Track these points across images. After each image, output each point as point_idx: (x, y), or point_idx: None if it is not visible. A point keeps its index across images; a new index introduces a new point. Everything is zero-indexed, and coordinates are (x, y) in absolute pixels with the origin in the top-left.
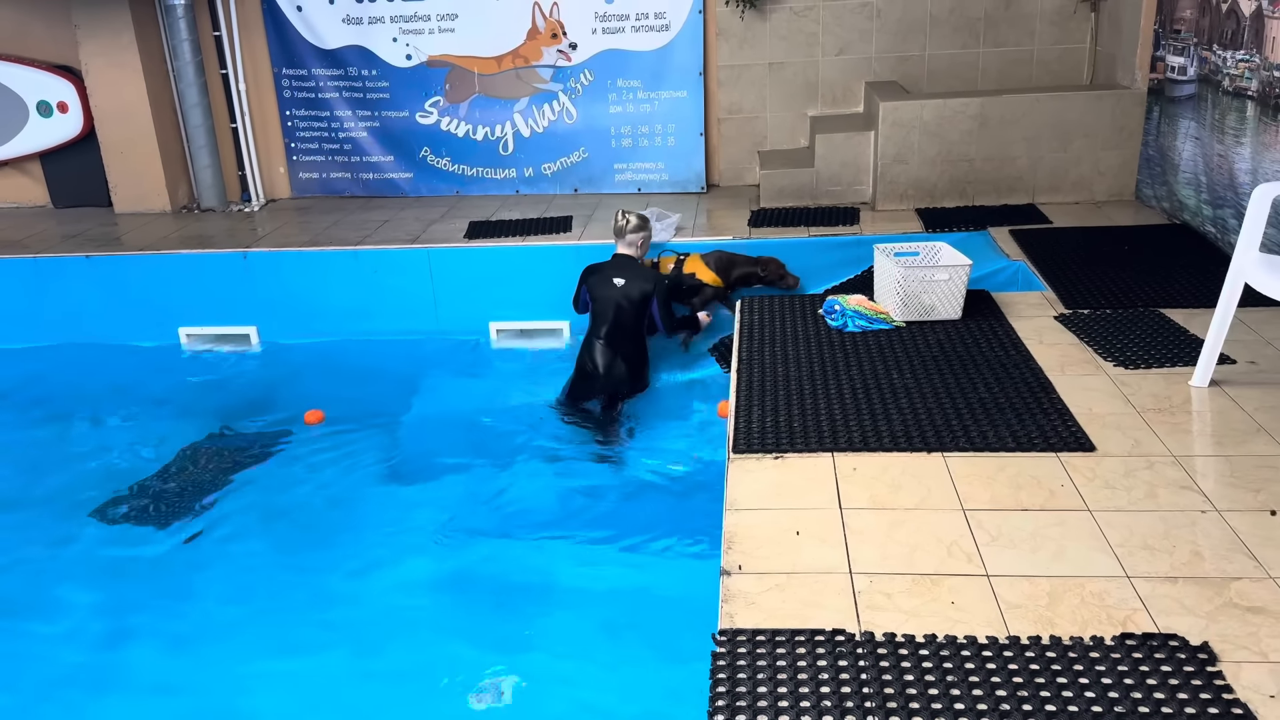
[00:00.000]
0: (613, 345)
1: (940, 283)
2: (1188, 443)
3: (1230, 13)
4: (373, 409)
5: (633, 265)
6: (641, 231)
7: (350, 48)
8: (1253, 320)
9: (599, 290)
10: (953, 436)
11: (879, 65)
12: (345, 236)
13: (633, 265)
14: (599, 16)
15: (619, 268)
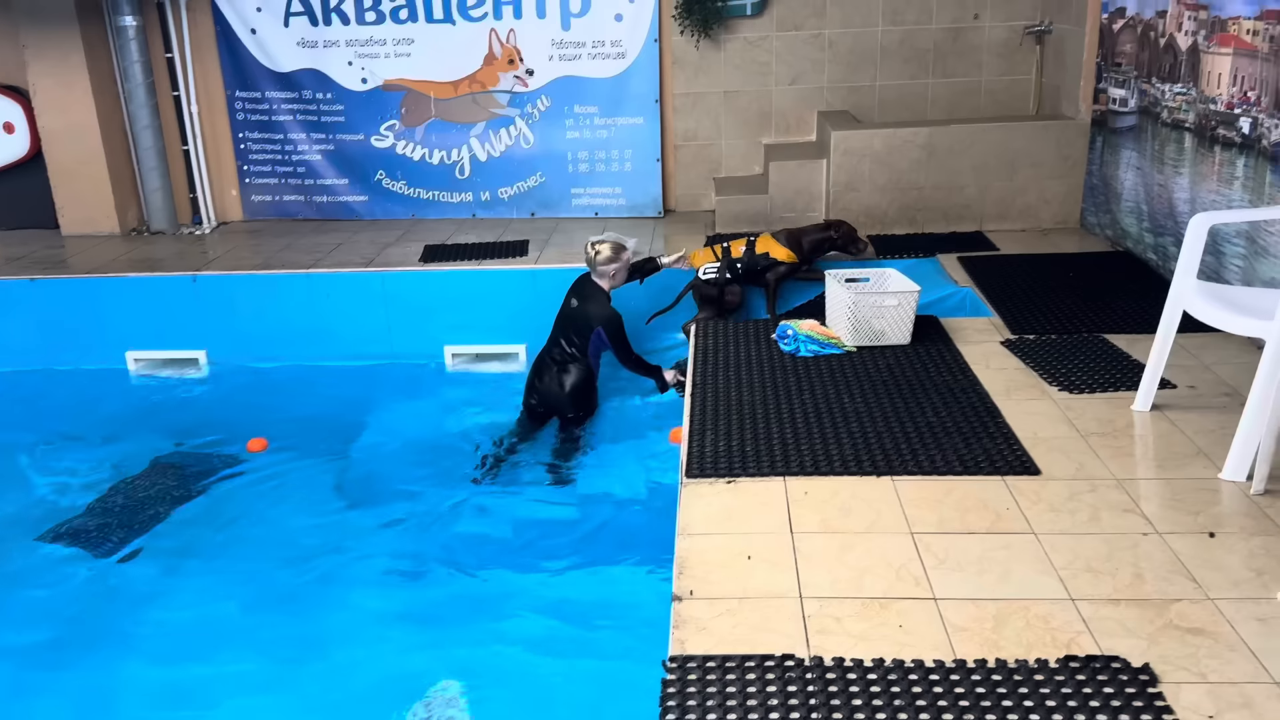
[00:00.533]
0: (553, 363)
1: (890, 308)
2: (1130, 466)
3: (1168, 47)
4: (324, 434)
5: (596, 293)
6: (613, 263)
7: (305, 71)
8: (1192, 346)
9: (562, 308)
10: (902, 460)
11: (831, 95)
12: (298, 260)
13: (596, 293)
14: (556, 44)
15: (580, 290)
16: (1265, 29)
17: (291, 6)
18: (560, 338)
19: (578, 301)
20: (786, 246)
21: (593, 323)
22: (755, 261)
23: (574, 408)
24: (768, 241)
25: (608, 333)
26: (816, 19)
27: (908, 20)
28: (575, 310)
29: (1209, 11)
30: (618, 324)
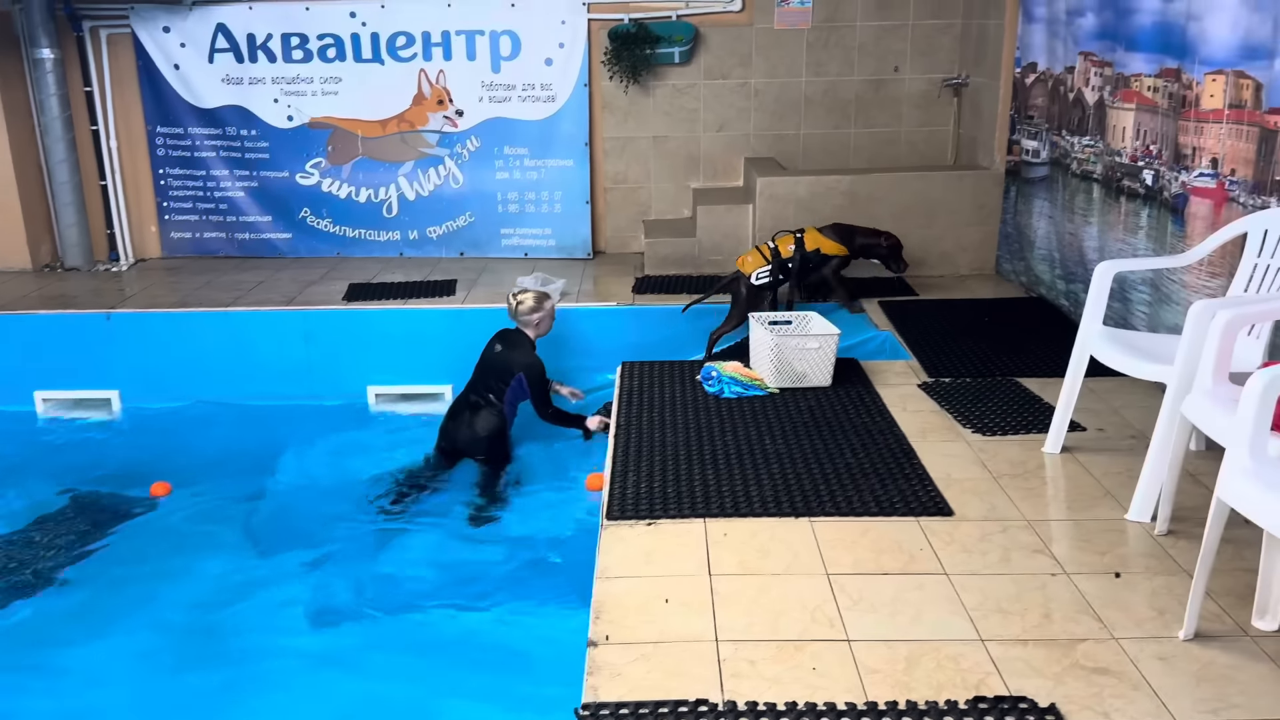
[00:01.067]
0: (468, 407)
1: (811, 351)
2: (1040, 507)
3: (1076, 102)
4: (240, 476)
5: (520, 340)
6: (536, 312)
7: (229, 107)
8: (1101, 389)
9: (484, 352)
10: (820, 501)
11: (757, 142)
12: (217, 298)
13: (520, 340)
14: (486, 86)
15: (506, 338)
16: (1164, 86)
17: (217, 43)
18: (479, 382)
19: (501, 347)
20: (836, 240)
21: (513, 369)
22: (807, 259)
23: (485, 452)
24: (815, 237)
25: (528, 379)
26: (743, 69)
27: (831, 72)
28: (497, 355)
29: (1113, 68)
30: (539, 372)
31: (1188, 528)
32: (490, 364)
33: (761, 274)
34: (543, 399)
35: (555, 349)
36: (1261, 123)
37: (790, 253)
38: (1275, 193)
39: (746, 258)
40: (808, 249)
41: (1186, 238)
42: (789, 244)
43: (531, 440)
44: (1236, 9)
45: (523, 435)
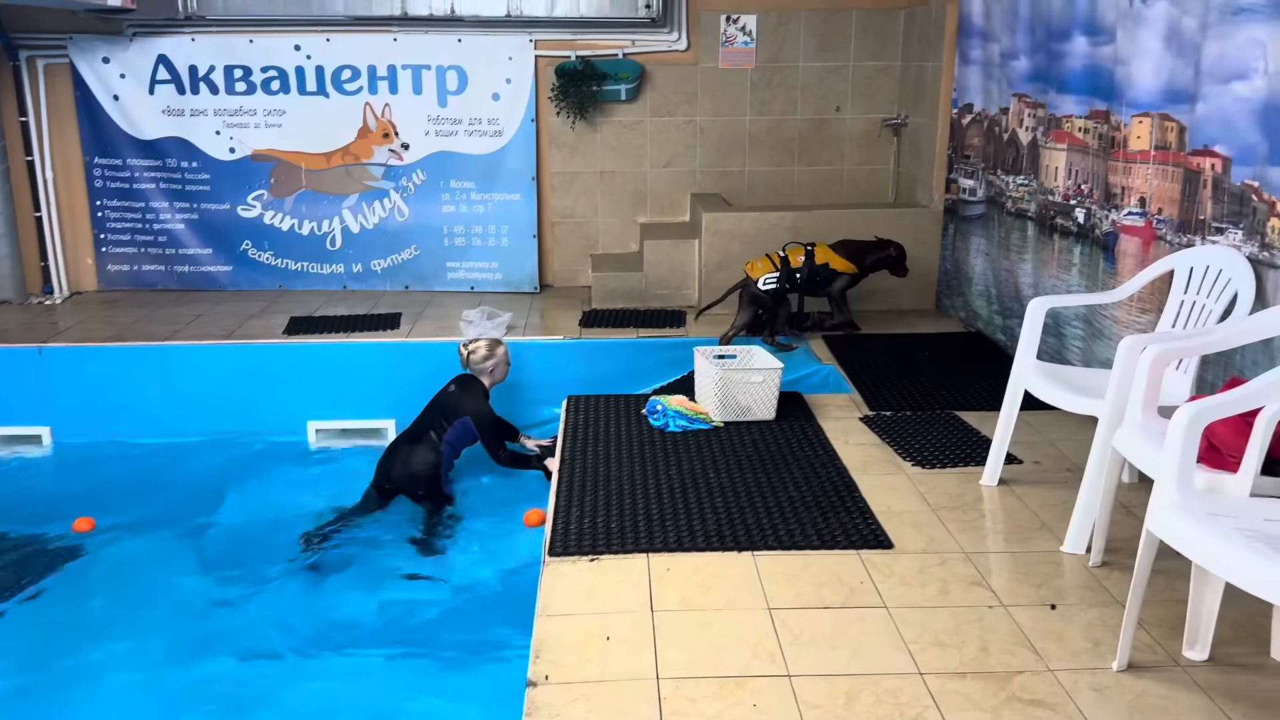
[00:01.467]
0: (409, 442)
1: (755, 384)
2: (978, 539)
3: (1010, 142)
4: (175, 514)
5: (473, 384)
6: (489, 360)
7: (170, 139)
8: (1037, 423)
9: (439, 391)
10: (763, 535)
11: (703, 178)
12: (154, 331)
13: (473, 384)
14: (432, 120)
15: (461, 380)
16: (1094, 127)
17: (158, 74)
18: (426, 419)
19: (455, 388)
20: (845, 258)
21: (461, 411)
22: (815, 272)
23: (421, 488)
24: (826, 252)
25: (478, 425)
26: (688, 106)
27: (774, 111)
28: (449, 395)
29: (1046, 110)
30: (488, 419)
31: (1121, 559)
32: (440, 403)
33: (769, 280)
34: (496, 444)
35: (501, 384)
36: (1185, 164)
37: (800, 263)
38: (1200, 231)
39: (756, 263)
40: (817, 262)
41: (1117, 274)
42: (799, 255)
43: (471, 476)
44: (1160, 54)
45: (463, 471)
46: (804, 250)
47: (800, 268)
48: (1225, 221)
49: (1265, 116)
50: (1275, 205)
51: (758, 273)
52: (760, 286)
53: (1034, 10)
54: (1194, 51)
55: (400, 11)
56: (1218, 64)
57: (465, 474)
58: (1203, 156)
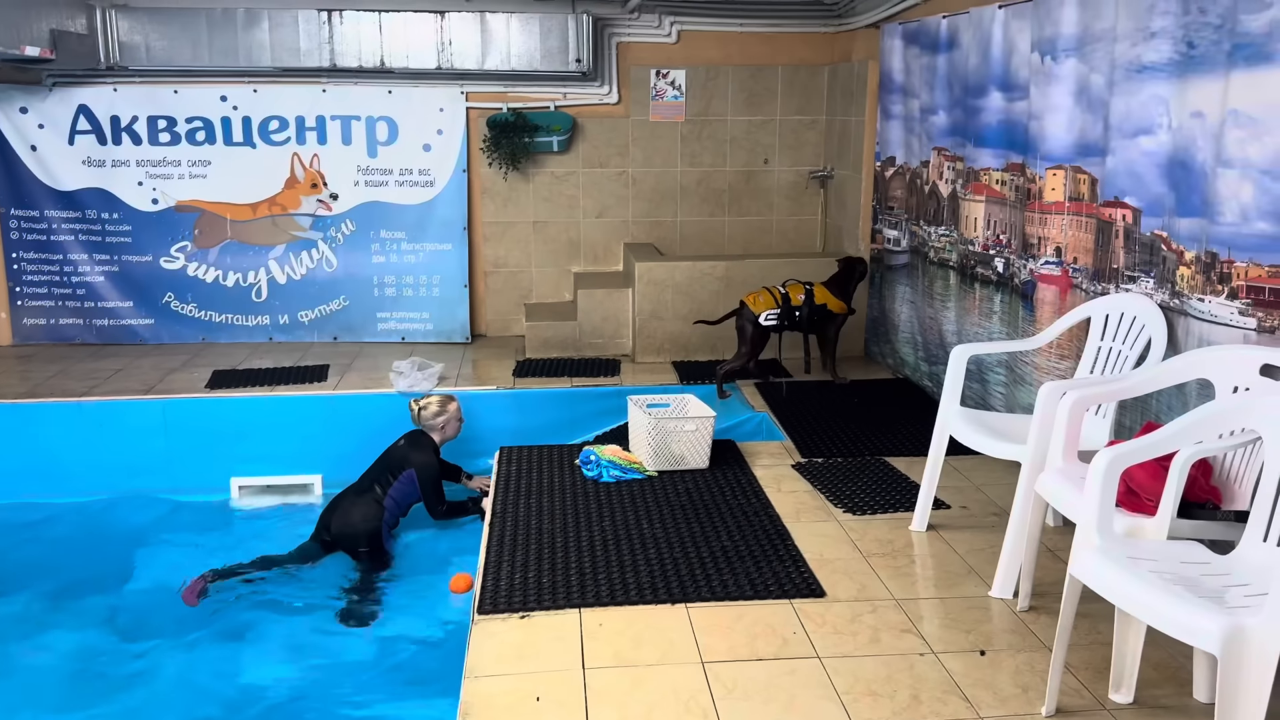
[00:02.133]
0: (354, 495)
1: (688, 433)
2: (908, 586)
3: (932, 194)
4: (93, 578)
5: (422, 439)
6: (440, 415)
7: (90, 190)
8: (964, 467)
9: (390, 446)
10: (695, 587)
11: (635, 228)
12: (70, 387)
13: (422, 439)
14: (362, 170)
15: (412, 436)
16: (1010, 179)
17: (78, 125)
18: (373, 473)
19: (404, 442)
20: (840, 298)
21: (407, 464)
22: (815, 311)
23: (364, 544)
24: (824, 292)
25: (421, 478)
26: (620, 158)
27: (704, 163)
28: (397, 449)
29: (964, 163)
30: (432, 474)
31: (1048, 603)
32: (388, 457)
33: (770, 315)
34: (435, 500)
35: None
36: (1098, 214)
37: (800, 301)
38: (1114, 280)
39: (757, 297)
40: (816, 301)
41: (1036, 322)
42: (799, 293)
43: (406, 533)
44: (1071, 110)
45: (400, 528)
46: (804, 289)
47: (801, 305)
48: (1137, 270)
49: (1170, 169)
50: (1183, 254)
51: (760, 307)
52: (762, 321)
53: (950, 67)
54: (1102, 107)
55: (329, 63)
56: (1125, 119)
57: (402, 529)
58: (1114, 208)
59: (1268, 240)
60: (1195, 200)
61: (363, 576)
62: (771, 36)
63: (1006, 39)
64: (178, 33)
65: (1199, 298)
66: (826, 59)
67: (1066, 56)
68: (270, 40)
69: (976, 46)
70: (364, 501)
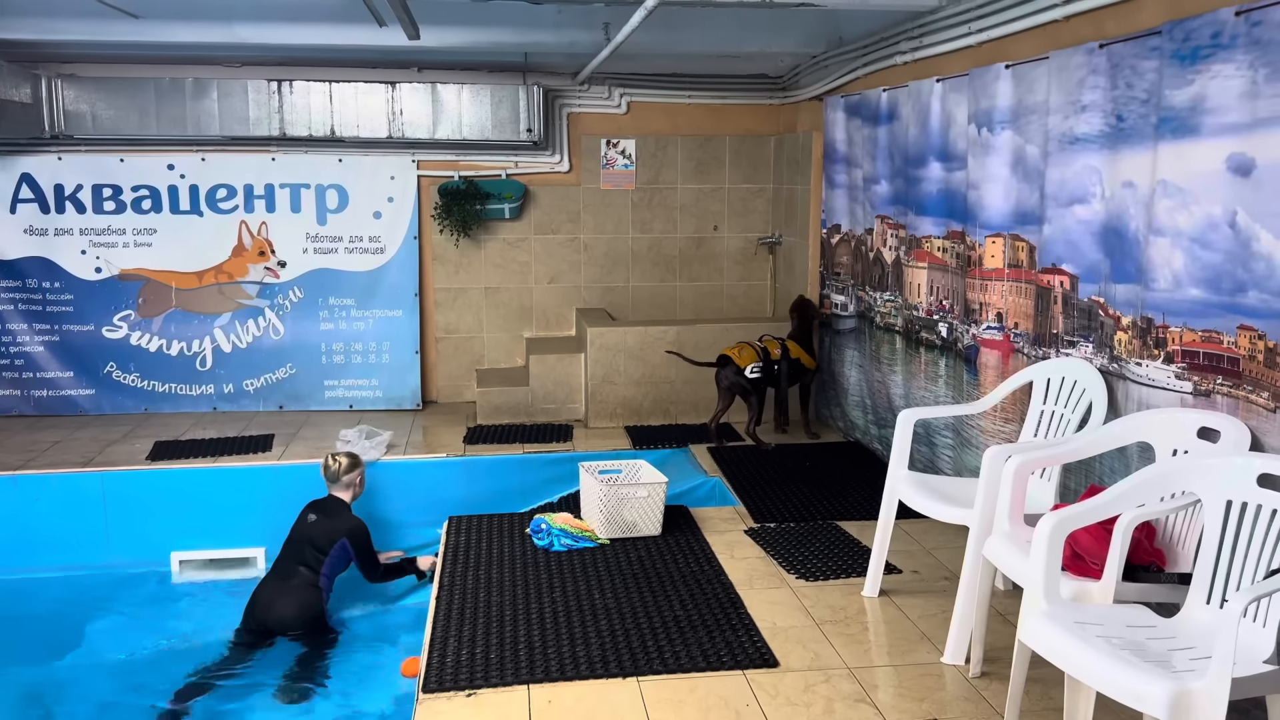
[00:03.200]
0: (278, 583)
1: (640, 499)
2: (861, 653)
3: (876, 260)
4: (25, 656)
5: (338, 505)
6: (354, 471)
7: (31, 258)
8: (915, 531)
9: (295, 526)
10: (647, 659)
11: (588, 293)
12: (5, 460)
13: (338, 505)
14: (311, 237)
15: (321, 506)
16: (952, 247)
17: (20, 193)
18: (293, 556)
19: (317, 516)
20: (808, 354)
21: (337, 535)
22: (791, 365)
23: (305, 627)
24: (796, 348)
25: (354, 544)
26: (572, 224)
27: (655, 229)
28: (316, 525)
29: (907, 230)
30: (365, 533)
31: (1000, 668)
32: (305, 535)
33: (755, 369)
34: (373, 563)
35: (381, 504)
36: (1037, 281)
37: (778, 355)
38: (1054, 344)
39: (740, 351)
40: (791, 356)
41: (980, 385)
42: (776, 348)
43: (353, 608)
44: (1008, 180)
45: (340, 604)
46: (779, 344)
47: (779, 360)
48: (1076, 335)
49: (1104, 237)
50: (1120, 319)
51: (744, 361)
52: (747, 374)
53: (891, 139)
54: (1038, 177)
55: (279, 132)
56: (1060, 189)
57: (343, 604)
58: (1052, 274)
59: (1199, 306)
60: (1129, 267)
61: (307, 659)
62: (719, 108)
63: (945, 111)
64: (125, 102)
65: (1136, 362)
66: (772, 130)
67: (1002, 128)
68: (219, 109)
69: (916, 118)
70: (297, 589)
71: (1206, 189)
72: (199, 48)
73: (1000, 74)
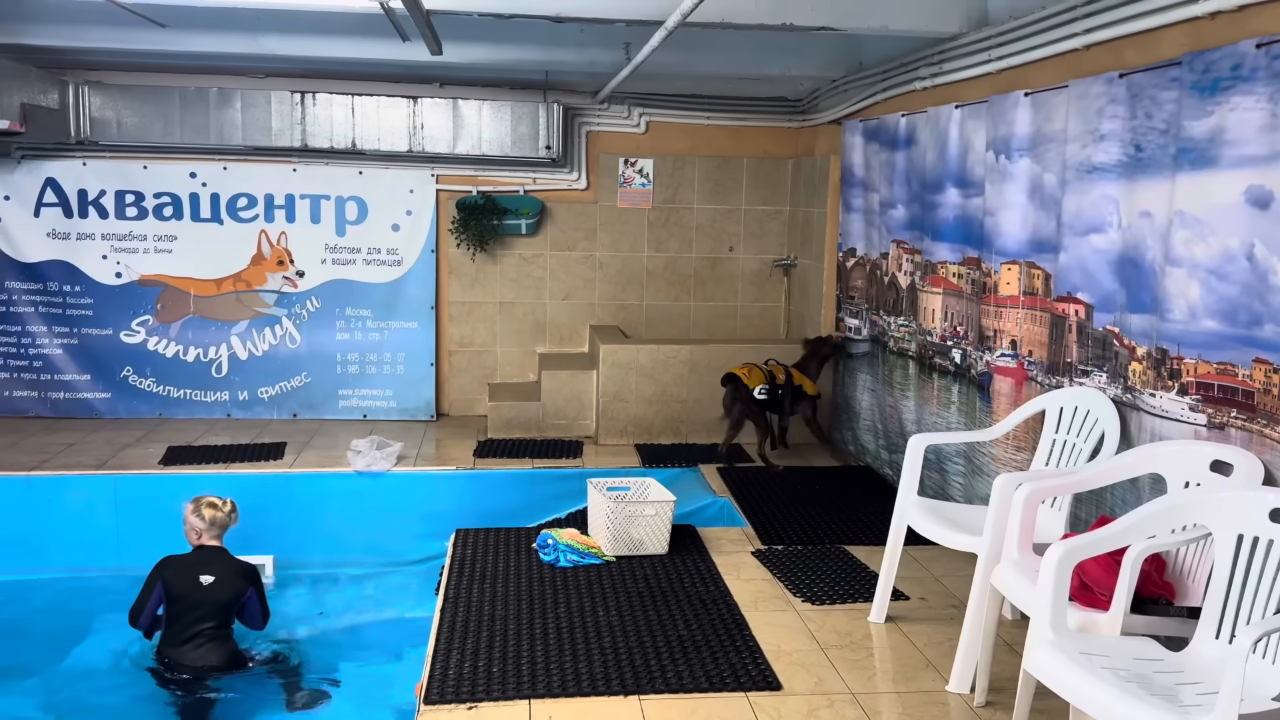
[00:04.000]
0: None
1: (648, 517)
2: (865, 679)
3: (891, 285)
4: (31, 660)
5: (222, 559)
6: (235, 512)
7: (53, 262)
8: (923, 558)
9: (180, 589)
10: (650, 678)
11: (601, 310)
12: (20, 461)
13: (222, 559)
14: (330, 248)
15: (205, 563)
16: (967, 273)
17: (44, 197)
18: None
19: (213, 578)
20: (812, 380)
21: (244, 586)
22: (794, 391)
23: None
24: (799, 375)
25: (258, 590)
26: (587, 242)
27: (671, 249)
28: (214, 587)
29: (922, 255)
30: (259, 576)
31: (1005, 698)
32: (208, 601)
33: (762, 390)
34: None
35: (390, 515)
36: (1052, 309)
37: (783, 380)
38: (1068, 373)
39: (749, 372)
40: (795, 382)
41: (993, 413)
42: (781, 373)
43: (358, 613)
44: (1025, 207)
45: (345, 613)
46: (784, 370)
47: (784, 384)
48: (1090, 364)
49: (1121, 267)
50: (1135, 350)
51: (753, 382)
52: (756, 394)
53: (909, 164)
54: (1055, 205)
55: (300, 143)
56: (1076, 217)
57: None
58: (1067, 303)
59: (1215, 338)
60: (1145, 297)
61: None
62: (737, 130)
63: (963, 138)
64: (150, 109)
65: (1150, 393)
66: (790, 152)
67: (1020, 156)
68: (242, 120)
69: (934, 144)
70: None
71: (1224, 221)
72: (225, 58)
73: (1019, 101)
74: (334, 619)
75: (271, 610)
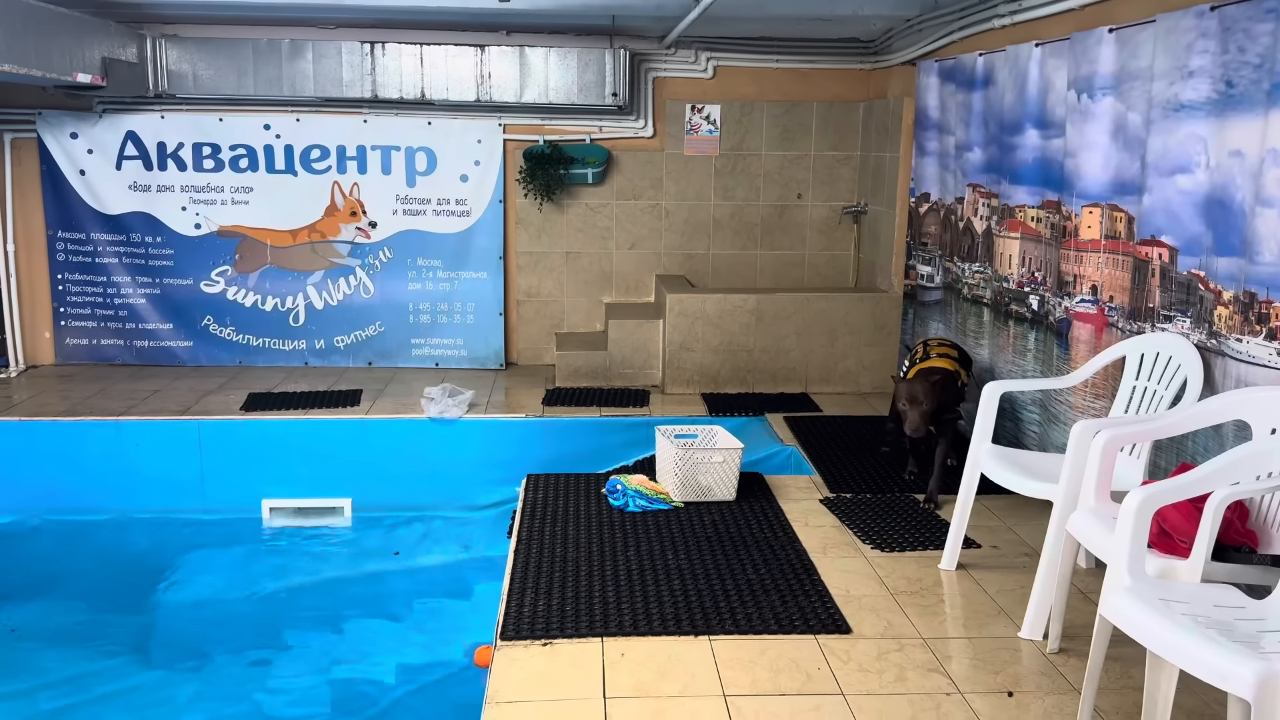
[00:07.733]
0: None
1: (715, 464)
2: (936, 625)
3: (966, 230)
4: (124, 596)
5: None
6: None
7: (135, 214)
8: (995, 507)
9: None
10: (719, 619)
11: (668, 260)
12: (108, 406)
13: None
14: (400, 199)
15: None
16: (1046, 217)
17: (126, 150)
18: None
19: None
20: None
21: None
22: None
23: None
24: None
25: None
26: (654, 191)
27: (738, 196)
28: None
29: (999, 199)
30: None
31: (1078, 645)
32: None
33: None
34: None
35: (462, 461)
36: (1134, 253)
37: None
38: (1150, 319)
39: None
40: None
41: (1071, 360)
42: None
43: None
44: (1108, 148)
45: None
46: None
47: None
48: (1174, 309)
49: (1208, 208)
50: (1221, 294)
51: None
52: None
53: (986, 105)
54: (1139, 145)
55: (371, 94)
56: (1162, 158)
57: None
58: (1150, 246)
59: None
60: (1233, 239)
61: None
62: (806, 73)
63: (1043, 77)
64: (224, 62)
65: (1236, 338)
66: (861, 95)
67: (1103, 95)
68: (314, 71)
69: (1013, 84)
70: None
71: None
72: (295, 9)
73: (1103, 38)
74: (409, 559)
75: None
